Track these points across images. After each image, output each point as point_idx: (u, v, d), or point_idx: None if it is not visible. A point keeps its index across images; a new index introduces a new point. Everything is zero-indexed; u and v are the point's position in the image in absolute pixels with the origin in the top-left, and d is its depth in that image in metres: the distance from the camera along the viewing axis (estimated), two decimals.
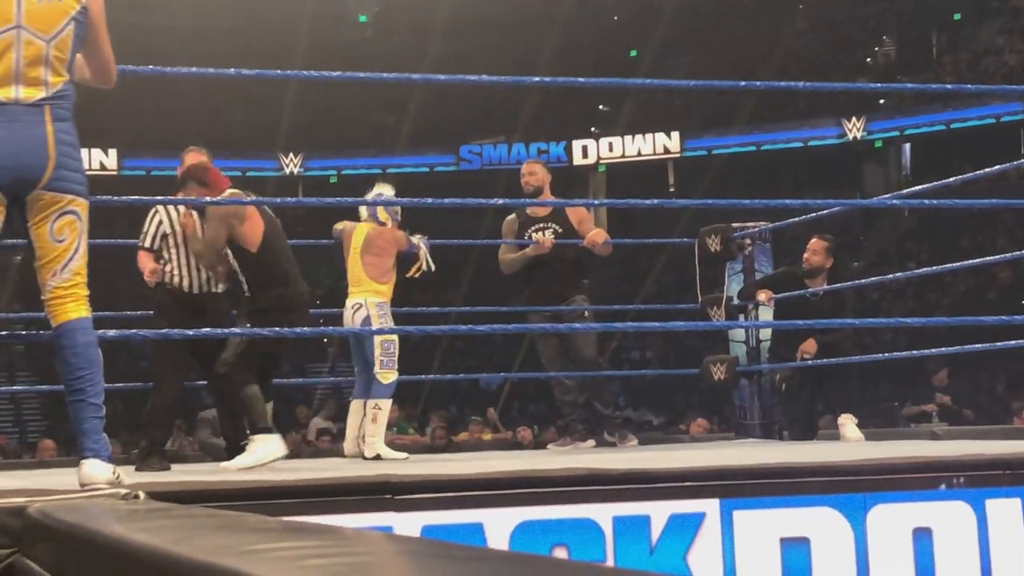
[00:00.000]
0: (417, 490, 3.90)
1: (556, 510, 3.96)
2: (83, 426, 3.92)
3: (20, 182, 3.89)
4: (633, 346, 25.81)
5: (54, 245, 3.97)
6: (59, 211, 3.94)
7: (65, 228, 3.96)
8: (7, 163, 3.86)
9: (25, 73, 3.91)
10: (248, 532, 1.45)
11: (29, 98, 3.91)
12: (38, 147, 3.89)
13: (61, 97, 3.97)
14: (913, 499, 4.24)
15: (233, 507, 3.60)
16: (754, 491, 4.16)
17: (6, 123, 3.88)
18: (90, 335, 4.00)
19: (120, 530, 1.44)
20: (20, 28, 3.92)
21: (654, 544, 4.00)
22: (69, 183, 3.95)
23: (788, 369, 7.94)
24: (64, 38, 3.98)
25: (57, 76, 3.96)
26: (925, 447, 5.85)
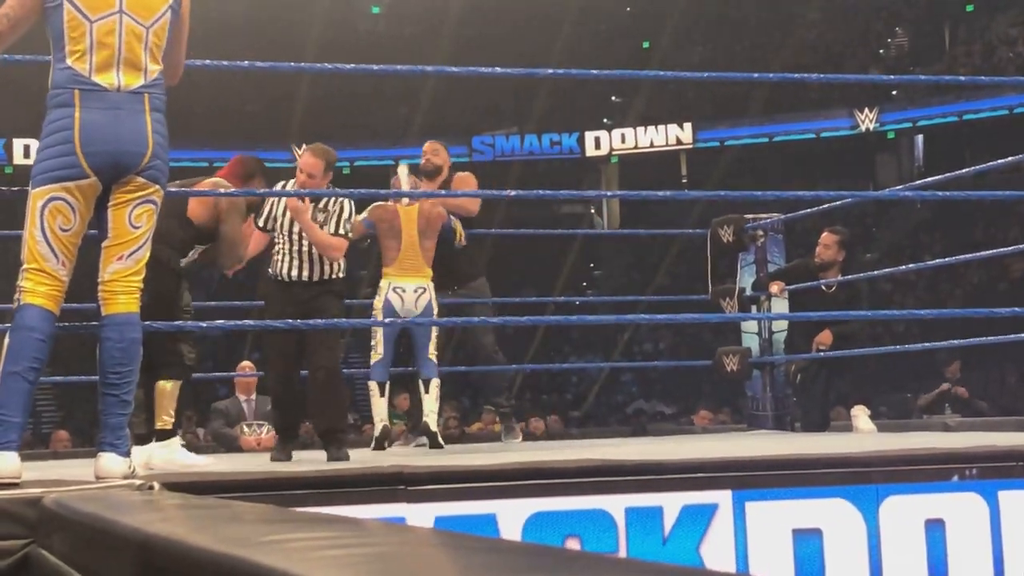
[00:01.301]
0: (430, 481, 3.91)
1: (569, 501, 3.97)
2: (109, 420, 3.93)
3: (118, 168, 3.94)
4: (645, 338, 25.80)
5: (130, 230, 4.01)
6: (142, 198, 4.00)
7: (143, 216, 4.02)
8: (108, 148, 3.91)
9: (127, 59, 3.97)
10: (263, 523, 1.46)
11: (130, 85, 3.96)
12: (138, 135, 3.95)
13: (157, 86, 4.03)
14: (925, 490, 4.24)
15: (246, 498, 3.62)
16: (766, 482, 4.16)
17: (109, 110, 3.93)
18: (137, 332, 4.03)
19: (136, 520, 1.44)
20: (122, 13, 3.99)
21: (667, 535, 4.01)
22: (159, 172, 4.03)
23: (803, 360, 7.94)
24: (162, 25, 4.06)
25: (155, 63, 4.03)
26: (937, 438, 5.86)
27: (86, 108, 3.91)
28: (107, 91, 3.94)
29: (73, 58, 3.94)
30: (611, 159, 29.18)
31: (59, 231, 3.92)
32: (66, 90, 3.93)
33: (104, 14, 3.97)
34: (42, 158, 3.95)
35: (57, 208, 3.91)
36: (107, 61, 3.95)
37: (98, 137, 3.90)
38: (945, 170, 7.23)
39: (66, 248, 3.94)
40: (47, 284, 3.93)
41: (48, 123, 3.95)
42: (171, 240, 5.25)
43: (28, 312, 3.89)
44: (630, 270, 27.64)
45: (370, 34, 29.94)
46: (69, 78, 3.93)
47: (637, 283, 25.39)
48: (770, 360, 8.16)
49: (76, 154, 3.89)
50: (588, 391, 24.06)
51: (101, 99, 3.93)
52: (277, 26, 28.05)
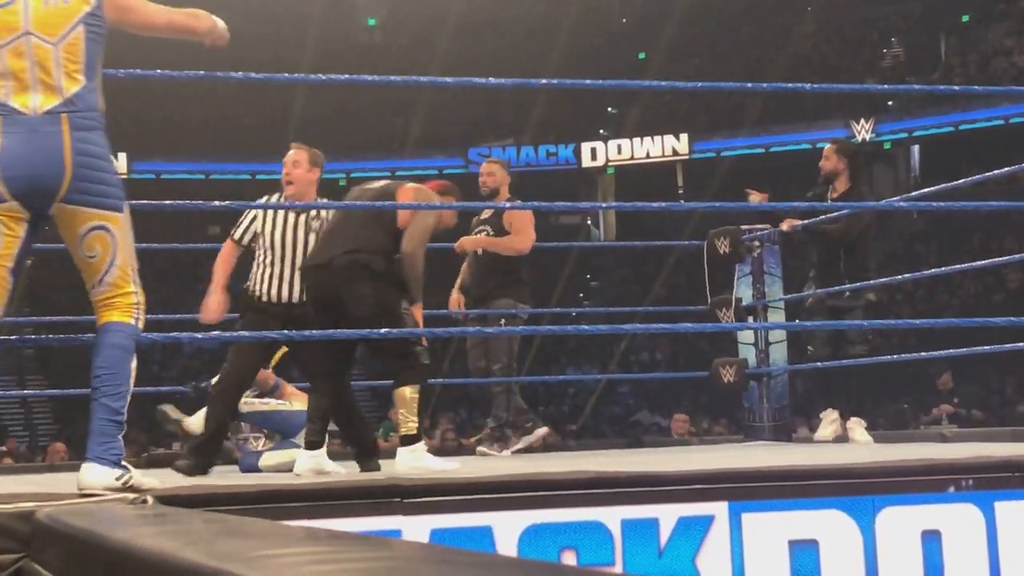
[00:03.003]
0: (426, 493, 3.91)
1: (565, 513, 3.97)
2: (92, 425, 3.91)
3: (37, 194, 3.86)
4: (643, 347, 25.81)
5: (86, 260, 3.97)
6: (88, 227, 3.92)
7: (96, 244, 3.93)
8: (23, 173, 3.83)
9: (41, 80, 3.89)
10: (256, 538, 1.45)
11: (45, 106, 3.88)
12: (54, 158, 3.85)
13: (79, 104, 3.91)
14: (922, 501, 4.23)
15: (242, 511, 3.61)
16: (763, 493, 4.16)
17: (24, 133, 3.85)
18: (119, 339, 3.98)
19: (127, 535, 1.44)
20: (29, 34, 3.92)
21: (663, 547, 4.01)
22: (92, 196, 3.90)
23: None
24: (74, 40, 3.95)
25: (72, 81, 3.92)
26: (933, 449, 5.85)
27: (5, 135, 3.86)
28: (24, 115, 3.87)
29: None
30: (607, 170, 29.22)
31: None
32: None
33: (11, 38, 3.92)
34: None
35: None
36: (21, 85, 3.88)
37: (15, 162, 3.84)
38: (941, 180, 7.25)
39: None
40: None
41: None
42: (381, 249, 5.36)
43: None
44: (627, 281, 27.67)
45: (366, 46, 29.98)
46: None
47: (634, 294, 25.41)
48: (767, 371, 8.15)
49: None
50: (585, 402, 24.06)
51: (18, 123, 3.86)
52: (273, 39, 28.09)
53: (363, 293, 5.30)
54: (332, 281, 5.31)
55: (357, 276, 5.28)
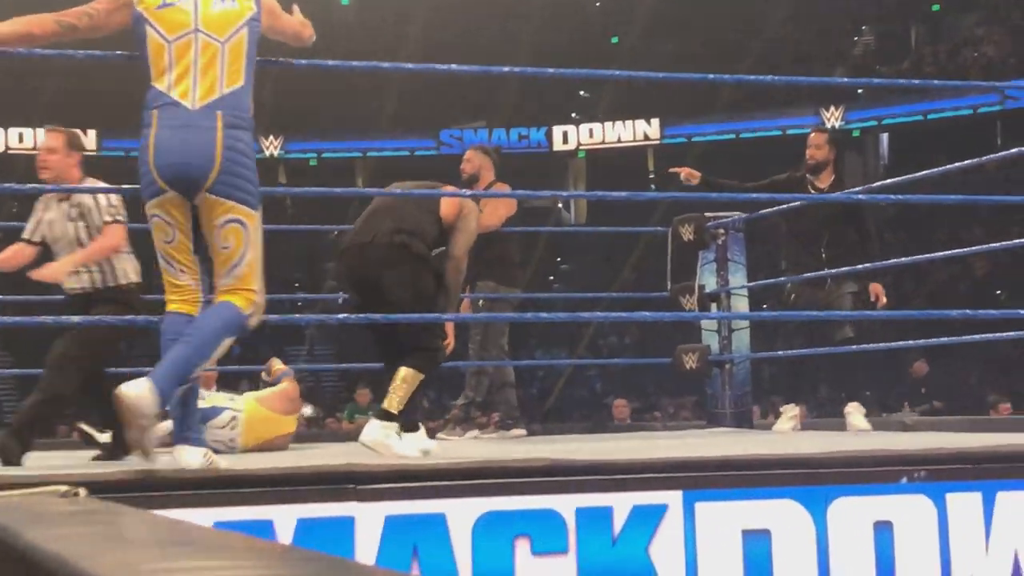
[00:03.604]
0: (381, 480, 3.91)
1: (519, 500, 3.97)
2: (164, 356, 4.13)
3: (186, 182, 4.08)
4: (611, 331, 25.86)
5: (220, 251, 4.18)
6: (223, 219, 4.14)
7: (231, 236, 4.16)
8: (175, 161, 4.07)
9: (203, 76, 4.12)
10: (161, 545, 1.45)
11: (204, 101, 4.10)
12: (206, 150, 4.07)
13: (234, 101, 4.14)
14: (874, 492, 4.26)
15: (193, 497, 3.62)
16: (717, 483, 4.18)
17: (180, 125, 4.08)
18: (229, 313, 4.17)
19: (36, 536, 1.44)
20: (198, 32, 4.16)
21: (616, 536, 4.02)
22: (234, 189, 4.12)
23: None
24: (239, 41, 4.20)
25: (232, 80, 4.16)
26: (887, 440, 5.88)
27: (161, 126, 4.09)
28: (181, 106, 4.10)
29: (155, 77, 4.14)
30: (578, 154, 29.22)
31: (164, 244, 4.18)
32: (148, 110, 4.14)
33: (181, 33, 4.15)
34: (140, 178, 4.17)
35: (156, 225, 4.18)
36: (183, 77, 4.11)
37: (167, 151, 4.07)
38: (910, 169, 7.27)
39: (175, 257, 4.19)
40: (176, 292, 4.22)
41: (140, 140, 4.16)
42: (425, 236, 5.41)
43: (168, 319, 4.23)
44: (597, 264, 27.70)
45: (340, 25, 29.86)
46: (152, 98, 4.14)
47: (604, 277, 25.44)
48: (729, 358, 8.19)
49: (151, 171, 4.10)
50: (553, 385, 24.10)
51: (174, 115, 4.09)
52: None
53: (403, 276, 5.37)
54: (373, 259, 5.36)
55: (399, 258, 5.35)
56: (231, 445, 6.19)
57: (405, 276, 5.34)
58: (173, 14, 4.18)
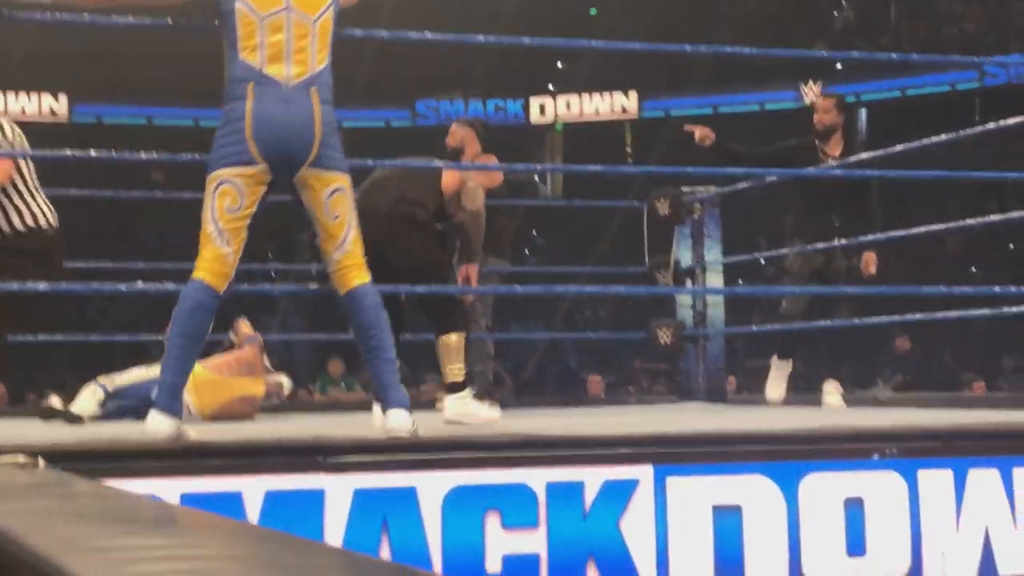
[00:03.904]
0: (350, 452, 3.89)
1: (490, 475, 3.96)
2: (383, 380, 4.33)
3: (287, 158, 4.21)
4: (587, 305, 25.88)
5: (330, 222, 4.31)
6: (329, 190, 4.28)
7: (338, 205, 4.30)
8: (276, 136, 4.17)
9: (295, 53, 4.23)
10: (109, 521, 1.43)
11: (298, 77, 4.23)
12: (306, 125, 4.20)
13: (324, 77, 4.30)
14: (845, 468, 4.26)
15: (160, 468, 3.58)
16: (688, 458, 4.17)
17: (280, 102, 4.19)
18: (376, 297, 4.38)
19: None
20: (290, 9, 4.24)
21: (587, 510, 4.01)
22: (332, 160, 4.28)
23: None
24: (327, 18, 4.32)
25: (322, 57, 4.30)
26: (859, 416, 5.89)
27: (258, 100, 4.17)
28: (278, 83, 4.20)
29: (245, 53, 4.22)
30: (556, 127, 29.16)
31: (226, 212, 4.20)
32: (241, 83, 4.21)
33: (274, 10, 4.24)
34: (217, 146, 4.23)
35: (225, 191, 4.20)
36: (276, 55, 4.21)
37: (268, 126, 4.16)
38: (888, 144, 7.24)
39: (231, 228, 4.22)
40: (214, 261, 4.22)
41: (224, 114, 4.24)
42: (427, 207, 5.60)
43: (194, 287, 4.22)
44: (573, 238, 27.68)
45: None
46: (243, 72, 4.22)
47: (580, 251, 25.43)
48: (704, 333, 8.19)
49: (247, 142, 4.17)
50: (528, 359, 24.11)
51: (272, 91, 4.19)
52: None
53: (409, 244, 5.57)
54: (377, 229, 5.43)
55: (403, 228, 5.53)
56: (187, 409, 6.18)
57: (410, 245, 5.52)
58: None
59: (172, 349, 4.19)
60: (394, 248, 5.50)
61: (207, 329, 4.27)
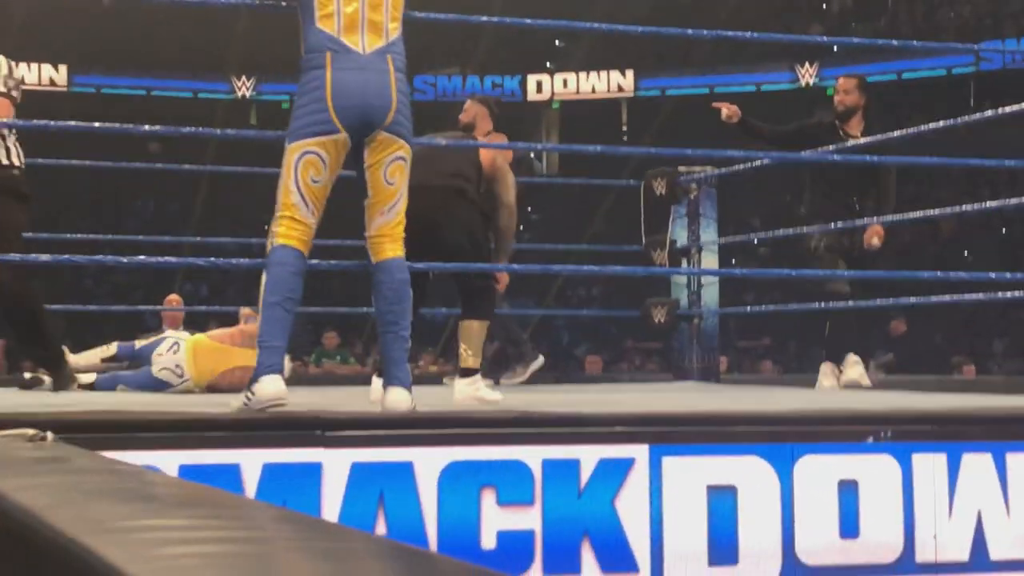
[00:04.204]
0: (348, 427, 3.90)
1: (486, 451, 3.97)
2: (391, 355, 4.39)
3: (366, 123, 4.27)
4: (579, 283, 25.89)
5: (386, 187, 4.37)
6: (392, 155, 4.35)
7: (396, 172, 4.38)
8: (355, 103, 4.23)
9: (369, 22, 4.30)
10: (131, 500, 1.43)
11: (374, 46, 4.29)
12: (383, 92, 4.27)
13: (398, 47, 4.38)
14: (840, 451, 4.27)
15: (159, 439, 3.60)
16: (684, 438, 4.18)
17: (357, 69, 4.25)
18: (405, 273, 4.45)
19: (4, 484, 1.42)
20: None
21: (582, 488, 4.02)
22: (403, 128, 4.36)
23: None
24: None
25: (395, 25, 4.37)
26: (854, 398, 5.91)
27: (337, 68, 4.23)
28: (354, 52, 4.26)
29: (322, 22, 4.26)
30: (552, 104, 29.12)
31: (311, 182, 4.25)
32: (318, 52, 4.26)
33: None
34: (298, 116, 4.29)
35: (309, 161, 4.25)
36: (352, 24, 4.27)
37: (347, 94, 4.22)
38: (882, 128, 7.25)
39: (316, 198, 4.29)
40: (298, 229, 4.27)
41: (303, 84, 4.30)
42: (472, 179, 5.70)
43: (281, 251, 4.27)
44: (568, 214, 27.66)
45: None
46: (320, 41, 4.26)
47: (575, 228, 25.43)
48: (698, 313, 8.21)
49: (328, 111, 4.22)
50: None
51: (350, 60, 4.25)
52: None
53: (460, 219, 5.64)
54: (433, 203, 5.53)
55: (456, 201, 5.66)
56: (179, 372, 6.20)
57: (462, 220, 5.62)
58: None
59: (273, 313, 4.23)
60: (447, 222, 5.61)
61: (301, 292, 4.33)
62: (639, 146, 20.81)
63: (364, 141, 4.33)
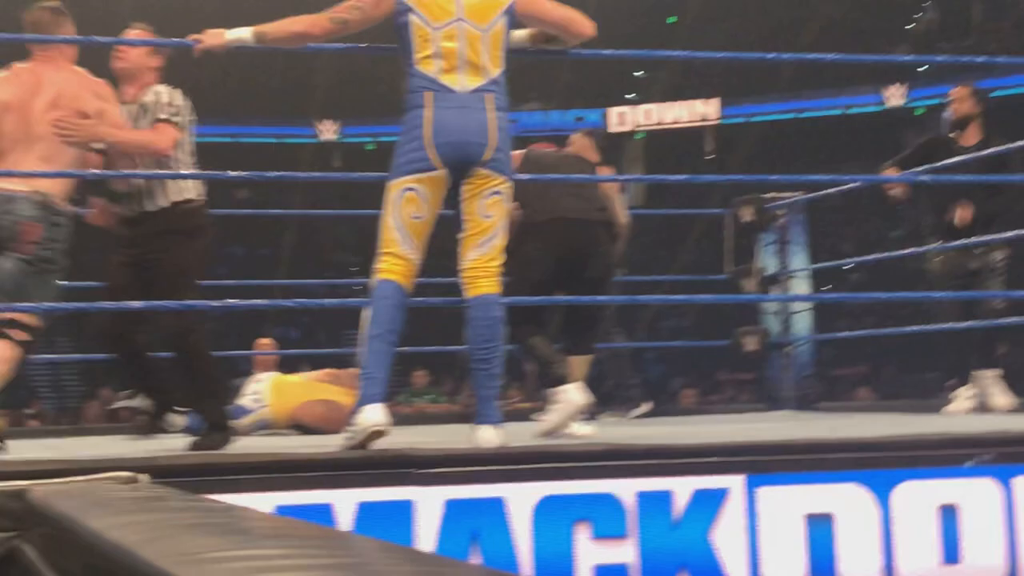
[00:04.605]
0: (439, 464, 3.90)
1: (579, 485, 3.95)
2: (480, 393, 4.42)
3: (464, 159, 4.32)
4: (671, 314, 25.78)
5: (482, 220, 4.40)
6: (490, 190, 4.38)
7: (494, 207, 4.40)
8: (454, 140, 4.29)
9: (468, 62, 4.36)
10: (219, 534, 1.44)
11: (472, 85, 4.36)
12: (482, 129, 4.32)
13: (498, 85, 4.41)
14: (939, 475, 4.20)
15: (251, 481, 3.62)
16: (779, 467, 4.13)
17: (456, 108, 4.32)
18: (500, 310, 4.45)
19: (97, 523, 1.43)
20: (461, 20, 4.38)
21: (677, 520, 3.99)
22: (502, 164, 4.40)
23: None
24: (499, 29, 4.42)
25: (495, 65, 4.41)
26: (953, 423, 5.81)
27: (436, 107, 4.31)
28: (453, 91, 4.33)
29: (421, 63, 4.35)
30: (635, 135, 29.09)
31: (411, 218, 4.32)
32: (419, 92, 4.33)
33: (446, 22, 4.37)
34: (399, 154, 4.36)
35: (409, 198, 4.32)
36: (451, 64, 4.34)
37: (446, 131, 4.29)
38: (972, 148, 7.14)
39: (417, 233, 4.35)
40: (400, 264, 4.34)
41: (404, 123, 4.36)
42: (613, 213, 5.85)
43: (383, 286, 4.34)
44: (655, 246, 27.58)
45: None
46: (420, 81, 4.34)
47: (662, 259, 25.34)
48: (790, 340, 8.13)
49: (427, 148, 4.29)
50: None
51: (448, 99, 4.32)
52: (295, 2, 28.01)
53: (606, 251, 5.73)
54: (589, 236, 5.63)
55: (606, 237, 5.74)
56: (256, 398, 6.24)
57: (608, 253, 5.67)
58: (438, 2, 4.38)
59: (375, 345, 4.28)
60: (596, 254, 5.65)
61: (402, 326, 4.36)
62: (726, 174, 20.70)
63: (463, 178, 4.38)
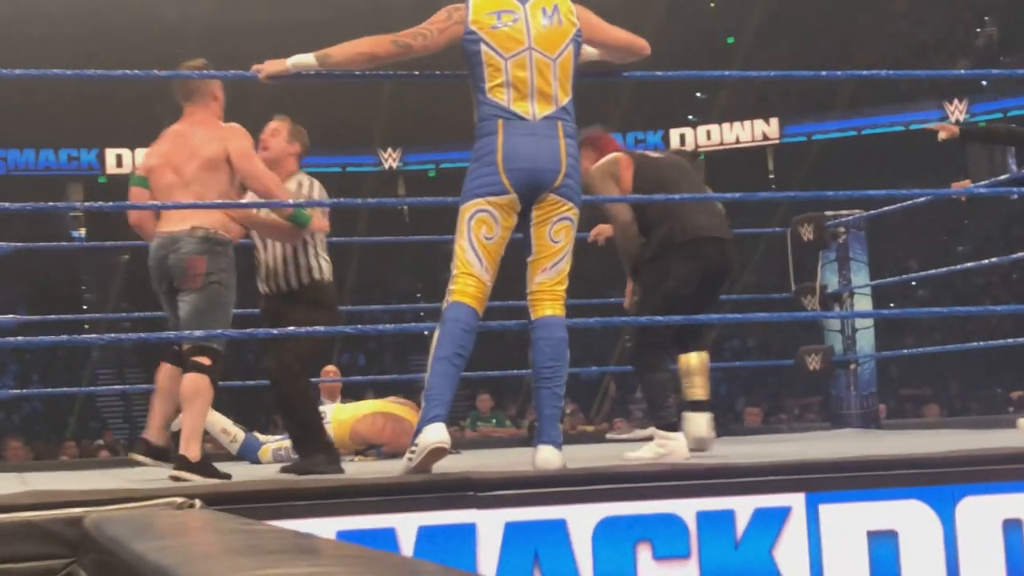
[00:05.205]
0: (499, 487, 3.91)
1: (639, 506, 3.95)
2: (543, 412, 4.43)
3: (535, 185, 4.39)
4: (734, 335, 25.66)
5: (549, 245, 4.46)
6: (559, 215, 4.44)
7: (562, 231, 4.46)
8: (526, 167, 4.36)
9: (539, 90, 4.42)
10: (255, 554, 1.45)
11: (543, 113, 4.41)
12: (553, 156, 4.39)
13: (567, 113, 4.47)
14: (1003, 490, 4.17)
15: (312, 507, 3.65)
16: (840, 484, 4.12)
17: (526, 135, 4.38)
18: (564, 332, 4.49)
19: (147, 548, 1.46)
20: (531, 49, 4.44)
21: (739, 539, 3.99)
22: (572, 191, 4.45)
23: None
24: (567, 57, 4.47)
25: (564, 93, 4.47)
26: (1015, 437, 5.75)
27: (508, 134, 4.37)
28: (524, 119, 4.39)
29: (493, 92, 4.41)
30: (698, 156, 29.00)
31: (483, 239, 4.38)
32: (490, 120, 4.40)
33: (517, 51, 4.42)
34: (471, 178, 4.42)
35: (481, 220, 4.38)
36: (522, 93, 4.40)
37: (517, 157, 4.35)
38: None
39: (489, 255, 4.40)
40: (472, 286, 4.38)
41: (476, 150, 4.43)
42: None
43: (455, 308, 4.37)
44: None
45: None
46: (492, 110, 4.41)
47: None
48: (854, 358, 8.08)
49: (499, 174, 4.35)
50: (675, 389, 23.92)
51: (520, 126, 4.38)
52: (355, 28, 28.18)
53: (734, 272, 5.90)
54: (732, 257, 5.80)
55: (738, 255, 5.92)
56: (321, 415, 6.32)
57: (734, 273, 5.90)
58: (508, 32, 4.43)
59: (441, 367, 4.31)
60: (731, 276, 5.85)
61: (471, 348, 4.39)
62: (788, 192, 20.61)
63: (533, 203, 4.42)
